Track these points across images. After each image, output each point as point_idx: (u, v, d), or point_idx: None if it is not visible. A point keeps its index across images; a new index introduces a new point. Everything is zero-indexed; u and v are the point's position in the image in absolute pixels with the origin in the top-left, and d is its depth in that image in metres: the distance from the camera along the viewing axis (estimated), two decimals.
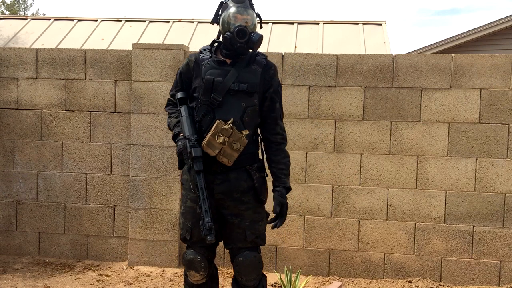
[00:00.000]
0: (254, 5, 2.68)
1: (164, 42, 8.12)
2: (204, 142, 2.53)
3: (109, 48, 7.67)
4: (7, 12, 24.73)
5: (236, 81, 2.59)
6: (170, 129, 2.77)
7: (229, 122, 2.52)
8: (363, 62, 4.12)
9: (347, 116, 4.13)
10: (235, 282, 2.73)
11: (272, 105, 2.70)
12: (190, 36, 8.60)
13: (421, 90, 4.07)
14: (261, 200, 2.68)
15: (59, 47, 8.39)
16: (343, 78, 4.13)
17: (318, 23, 8.91)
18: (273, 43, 8.19)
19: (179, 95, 2.71)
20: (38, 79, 4.47)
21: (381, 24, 8.80)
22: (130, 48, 4.39)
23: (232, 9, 2.60)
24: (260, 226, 2.68)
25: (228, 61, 2.65)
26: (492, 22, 10.31)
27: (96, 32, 8.98)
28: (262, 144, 2.78)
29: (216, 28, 2.74)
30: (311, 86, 4.15)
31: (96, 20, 9.34)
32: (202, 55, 2.69)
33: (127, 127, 4.36)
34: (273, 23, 8.73)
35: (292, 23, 8.80)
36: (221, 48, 2.68)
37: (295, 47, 8.17)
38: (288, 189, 2.72)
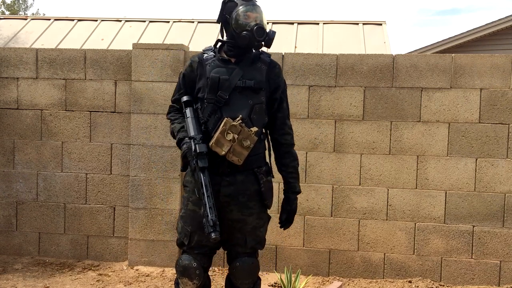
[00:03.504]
0: (257, 2, 2.66)
1: (164, 42, 8.12)
2: (213, 141, 2.46)
3: (109, 48, 7.67)
4: (7, 12, 24.74)
5: (242, 78, 2.57)
6: (173, 136, 2.70)
7: (237, 118, 2.48)
8: (363, 62, 4.12)
9: (347, 116, 4.13)
10: (229, 282, 2.70)
11: (280, 105, 2.69)
12: (190, 36, 8.60)
13: (421, 90, 4.07)
14: (266, 205, 2.67)
15: (59, 47, 8.39)
16: (343, 78, 4.13)
17: (318, 23, 8.92)
18: (273, 43, 8.16)
19: (184, 98, 2.65)
20: (38, 79, 4.47)
21: (381, 24, 8.80)
22: (130, 48, 4.39)
23: (242, 8, 2.57)
24: (261, 232, 2.67)
25: (233, 60, 2.63)
26: (492, 22, 10.31)
27: (96, 32, 8.98)
28: (271, 145, 2.75)
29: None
30: (311, 86, 4.15)
31: (96, 20, 9.34)
32: (205, 55, 2.66)
33: (127, 127, 4.36)
34: (273, 23, 8.73)
35: (292, 23, 8.80)
36: (224, 48, 2.66)
37: (295, 47, 8.17)
38: (298, 193, 2.74)
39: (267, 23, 2.86)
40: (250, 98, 2.57)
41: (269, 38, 2.57)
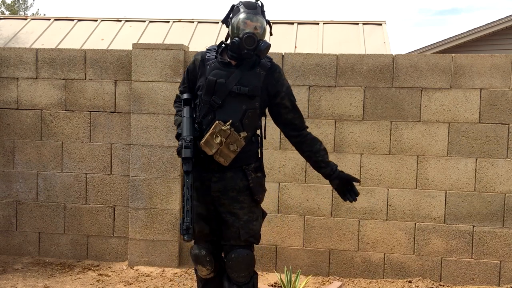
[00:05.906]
0: (265, 13, 2.69)
1: (164, 42, 8.12)
2: (203, 141, 2.58)
3: (109, 48, 7.67)
4: (7, 12, 24.74)
5: (238, 83, 2.62)
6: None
7: (227, 123, 2.57)
8: (363, 62, 4.11)
9: (347, 116, 4.13)
10: (227, 278, 2.75)
11: (293, 108, 2.76)
12: (190, 36, 8.59)
13: (421, 90, 4.07)
14: (256, 200, 2.72)
15: (59, 47, 8.39)
16: (343, 78, 4.13)
17: (318, 23, 8.91)
18: (273, 43, 8.14)
19: (185, 96, 2.77)
20: (38, 79, 4.47)
21: (381, 24, 8.79)
22: (130, 48, 4.39)
23: (243, 15, 2.62)
24: (254, 226, 2.71)
25: (233, 62, 2.68)
26: (492, 22, 10.31)
27: (96, 32, 8.98)
28: (292, 143, 2.81)
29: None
30: (311, 86, 4.15)
31: (96, 20, 9.34)
32: (208, 54, 2.73)
33: (127, 127, 4.36)
34: (273, 23, 8.68)
35: (292, 23, 8.80)
36: (227, 50, 2.70)
37: (295, 47, 8.17)
38: (336, 165, 2.76)
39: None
40: (244, 103, 2.64)
41: (259, 49, 2.60)
